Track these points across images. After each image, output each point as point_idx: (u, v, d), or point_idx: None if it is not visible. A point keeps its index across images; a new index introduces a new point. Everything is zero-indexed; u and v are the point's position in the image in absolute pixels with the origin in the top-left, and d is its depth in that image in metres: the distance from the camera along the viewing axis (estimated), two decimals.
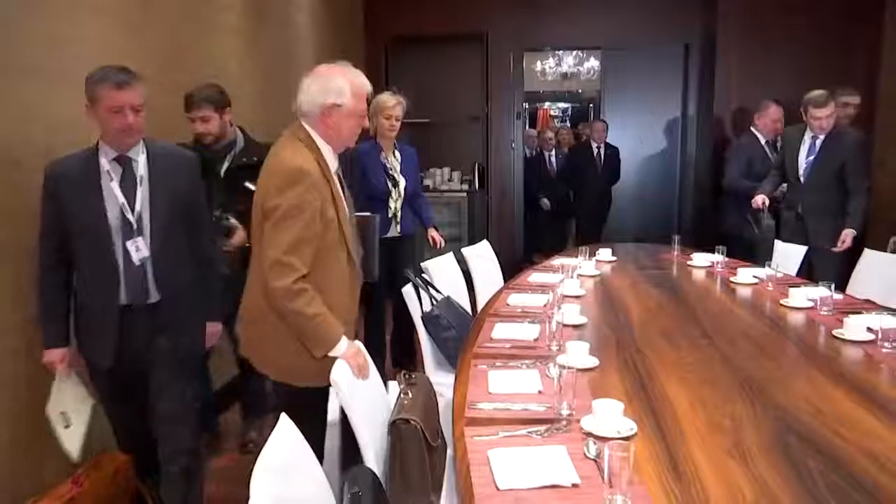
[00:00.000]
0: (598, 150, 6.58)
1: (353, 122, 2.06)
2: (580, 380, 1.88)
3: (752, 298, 2.99)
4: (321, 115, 2.01)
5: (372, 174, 3.67)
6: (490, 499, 1.31)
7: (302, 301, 1.92)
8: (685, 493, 1.33)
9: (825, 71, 5.27)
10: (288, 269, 1.90)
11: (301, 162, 1.96)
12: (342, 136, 2.07)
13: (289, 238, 1.90)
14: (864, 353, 2.19)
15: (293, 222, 1.91)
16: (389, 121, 3.65)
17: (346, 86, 2.01)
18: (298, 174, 1.93)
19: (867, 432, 1.61)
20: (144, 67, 2.95)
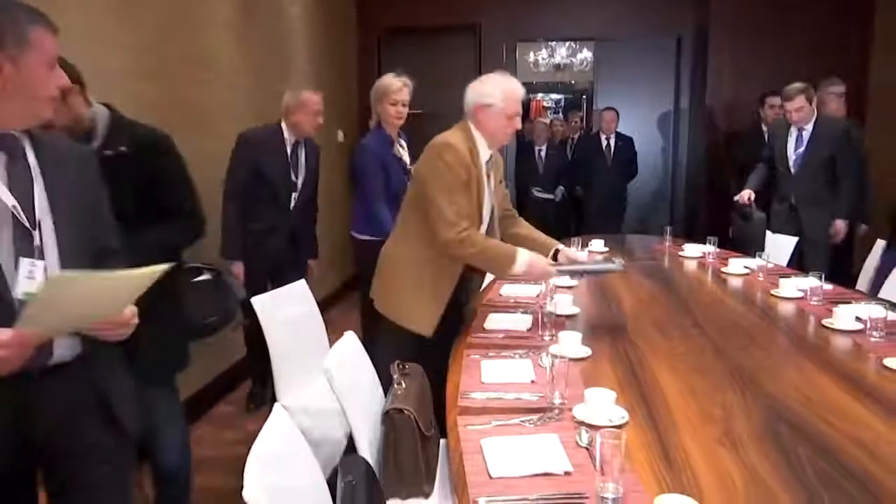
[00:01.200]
0: (607, 142, 6.17)
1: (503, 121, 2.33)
2: (572, 369, 1.89)
3: (743, 289, 3.01)
4: (475, 112, 2.34)
5: (392, 171, 3.33)
6: (483, 487, 1.32)
7: (468, 243, 2.25)
8: (676, 480, 1.35)
9: (816, 65, 5.28)
10: (452, 224, 2.23)
11: (452, 139, 2.31)
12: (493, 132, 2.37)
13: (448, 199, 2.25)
14: (853, 343, 2.21)
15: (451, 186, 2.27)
16: (396, 107, 3.31)
17: (496, 89, 2.32)
18: (447, 147, 2.28)
19: (855, 420, 1.63)
20: (131, 60, 2.95)
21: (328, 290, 5.10)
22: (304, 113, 3.26)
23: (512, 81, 2.37)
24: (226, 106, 3.84)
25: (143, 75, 3.05)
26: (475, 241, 2.28)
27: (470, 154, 2.32)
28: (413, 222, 2.41)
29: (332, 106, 3.41)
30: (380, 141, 3.35)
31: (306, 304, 2.72)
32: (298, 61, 5.03)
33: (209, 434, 3.35)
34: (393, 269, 2.45)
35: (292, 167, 3.33)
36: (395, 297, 2.41)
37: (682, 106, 6.72)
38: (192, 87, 3.52)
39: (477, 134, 2.36)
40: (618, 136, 6.16)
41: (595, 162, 6.13)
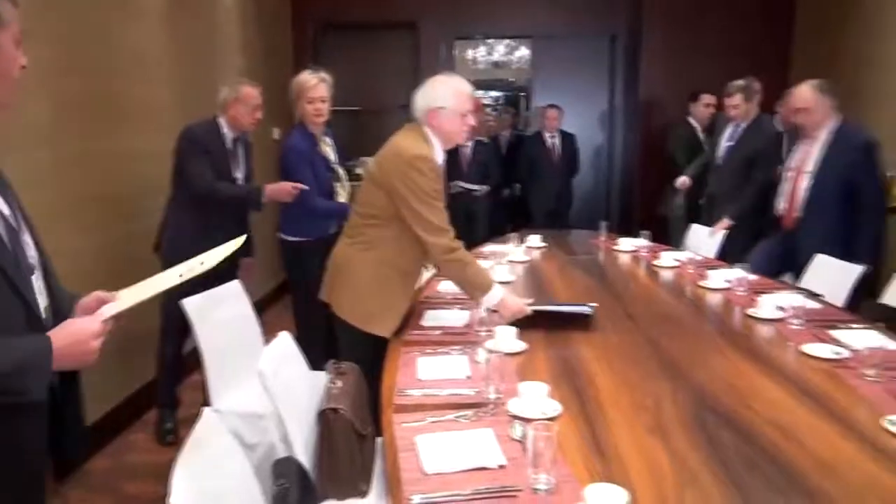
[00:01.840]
0: (552, 140, 6.07)
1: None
2: (508, 364, 1.91)
3: (674, 280, 3.10)
4: (429, 118, 2.34)
5: (318, 169, 3.26)
6: (417, 483, 1.32)
7: (460, 252, 2.32)
8: (607, 470, 1.38)
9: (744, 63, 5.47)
10: (443, 230, 2.29)
11: (420, 150, 2.31)
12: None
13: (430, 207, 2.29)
14: (775, 331, 2.30)
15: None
16: (314, 104, 3.22)
17: (446, 91, 2.34)
18: (420, 158, 2.29)
19: (776, 406, 1.70)
20: (53, 52, 2.82)
21: (264, 291, 5.01)
22: (243, 107, 3.16)
23: (459, 80, 2.40)
24: (156, 101, 3.72)
25: (67, 69, 2.92)
26: (463, 250, 2.34)
27: (437, 161, 2.35)
28: (375, 228, 2.38)
29: (266, 103, 3.32)
30: (302, 139, 3.29)
31: (240, 305, 2.66)
32: (231, 55, 4.92)
33: (143, 440, 3.24)
34: (356, 277, 2.40)
35: (232, 163, 3.23)
36: (360, 303, 2.38)
37: (616, 103, 6.86)
38: (121, 81, 3.39)
39: (432, 137, 2.37)
40: (562, 134, 6.13)
41: (540, 160, 6.05)
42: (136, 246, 3.26)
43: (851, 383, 1.82)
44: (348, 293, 2.41)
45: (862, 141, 3.26)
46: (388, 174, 2.31)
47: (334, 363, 1.99)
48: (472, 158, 6.02)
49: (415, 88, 2.41)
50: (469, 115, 2.37)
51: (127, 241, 3.31)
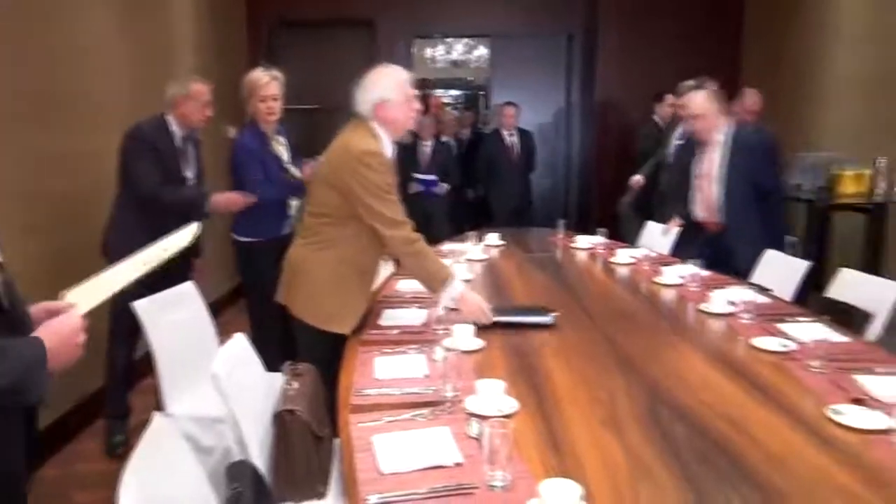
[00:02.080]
0: (510, 139, 6.00)
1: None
2: (466, 361, 1.92)
3: (629, 277, 3.14)
4: (376, 111, 2.32)
5: (270, 168, 3.22)
6: (372, 483, 1.31)
7: (420, 244, 2.31)
8: (562, 465, 1.39)
9: (698, 63, 5.58)
10: (400, 223, 2.29)
11: (370, 145, 2.31)
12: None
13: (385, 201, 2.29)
14: (726, 325, 2.36)
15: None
16: (266, 103, 3.17)
17: (388, 81, 2.33)
18: (369, 154, 2.28)
19: (727, 399, 1.74)
20: None
21: (220, 293, 4.92)
22: (193, 104, 3.08)
23: (396, 69, 2.40)
24: (107, 97, 3.63)
25: (12, 62, 2.83)
26: (422, 242, 2.33)
27: (383, 147, 2.35)
28: (329, 228, 2.37)
29: (221, 100, 3.25)
30: (252, 137, 3.25)
31: (194, 307, 2.61)
32: (185, 53, 4.82)
33: (94, 448, 3.16)
34: (312, 277, 2.38)
35: (182, 162, 3.15)
36: (318, 303, 2.35)
37: (573, 102, 6.94)
38: (68, 77, 3.29)
39: (379, 131, 2.35)
40: (520, 132, 6.06)
41: (499, 159, 5.98)
42: (85, 247, 3.17)
43: (798, 375, 1.87)
44: (306, 293, 2.39)
45: (760, 142, 3.41)
46: (339, 172, 2.30)
47: (290, 364, 1.97)
48: (432, 158, 5.92)
49: None
50: (414, 100, 2.37)
51: (76, 242, 3.22)
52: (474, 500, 1.26)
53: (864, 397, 1.69)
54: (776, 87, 4.98)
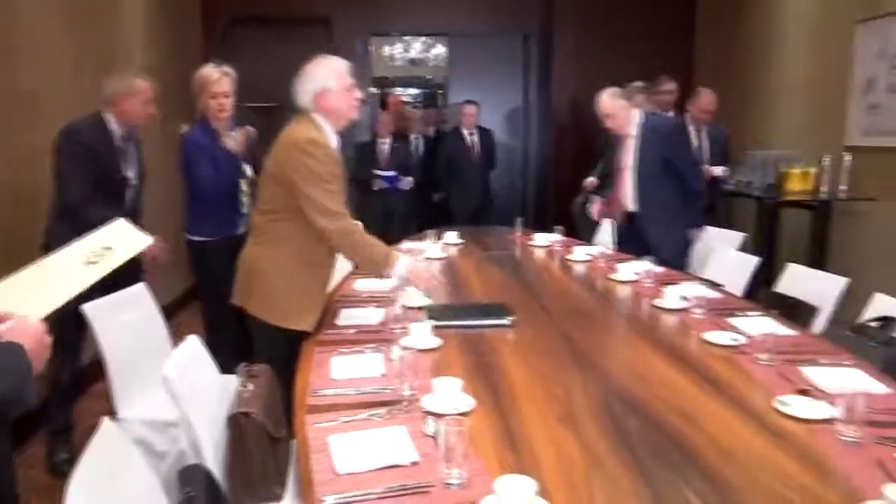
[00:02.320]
0: (470, 137, 5.92)
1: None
2: (423, 360, 1.92)
3: (586, 274, 3.18)
4: (317, 102, 2.31)
5: (221, 166, 3.15)
6: (328, 484, 1.30)
7: (358, 235, 2.32)
8: (518, 461, 1.40)
9: (653, 64, 5.69)
10: (336, 214, 2.26)
11: (312, 134, 2.30)
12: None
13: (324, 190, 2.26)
14: (679, 320, 2.40)
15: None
16: (216, 99, 3.10)
17: (326, 71, 2.32)
18: (311, 143, 2.27)
19: (679, 392, 1.77)
20: None
21: (173, 295, 4.82)
22: (134, 102, 2.96)
23: (334, 59, 2.39)
24: (51, 94, 3.51)
25: None
26: (360, 231, 2.32)
27: (326, 138, 2.33)
28: (279, 224, 2.34)
29: (175, 97, 3.18)
30: (202, 134, 3.18)
31: (145, 309, 2.56)
32: (134, 47, 4.70)
33: (41, 456, 3.05)
34: (267, 276, 2.34)
35: (123, 162, 3.02)
36: (275, 301, 2.33)
37: (531, 102, 6.99)
38: (10, 71, 3.18)
39: (323, 123, 2.34)
40: (480, 130, 6.00)
41: (459, 158, 5.90)
42: (28, 247, 3.06)
43: (747, 368, 1.92)
44: (262, 293, 2.36)
45: (668, 125, 3.65)
46: (283, 166, 2.29)
47: (246, 366, 1.94)
48: (391, 156, 5.82)
49: None
50: (354, 89, 2.36)
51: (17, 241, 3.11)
52: (430, 498, 1.26)
53: (810, 388, 1.74)
54: (727, 88, 5.10)
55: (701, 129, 4.64)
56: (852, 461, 1.39)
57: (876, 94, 4.08)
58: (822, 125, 4.55)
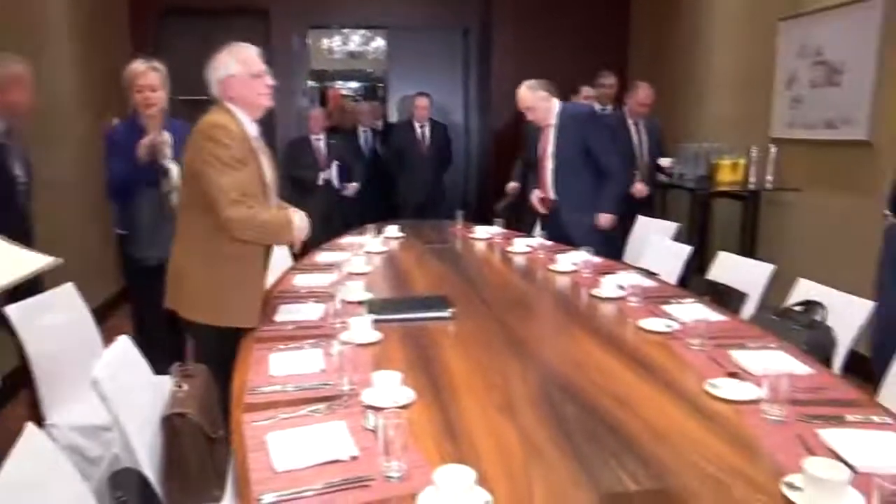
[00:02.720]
0: (421, 131, 5.78)
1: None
2: (363, 354, 1.91)
3: (526, 265, 3.22)
4: (224, 90, 2.28)
5: (131, 163, 3.01)
6: (266, 483, 1.28)
7: (256, 220, 2.20)
8: (458, 451, 1.41)
9: (590, 59, 5.79)
10: (236, 202, 2.15)
11: (216, 118, 2.24)
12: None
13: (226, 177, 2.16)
14: (616, 308, 2.46)
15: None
16: (143, 94, 3.01)
17: (229, 58, 2.29)
18: (214, 126, 2.21)
19: (614, 377, 1.81)
20: None
21: (105, 296, 4.65)
22: (20, 89, 2.73)
23: (242, 46, 2.35)
24: None
25: None
26: (259, 216, 2.22)
27: (235, 125, 2.26)
28: (200, 220, 2.25)
29: (104, 90, 3.06)
30: (124, 129, 3.11)
31: (74, 310, 2.46)
32: (59, 38, 4.51)
33: None
34: (196, 274, 2.28)
35: (10, 159, 2.76)
36: (208, 299, 2.26)
37: (471, 96, 7.02)
38: None
39: (237, 110, 2.29)
40: (432, 124, 5.84)
41: (409, 151, 5.74)
42: None
43: (680, 353, 1.98)
44: (190, 293, 2.30)
45: (585, 112, 3.79)
46: (192, 157, 2.23)
47: (180, 366, 1.89)
48: (328, 153, 5.54)
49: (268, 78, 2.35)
50: (264, 76, 2.30)
51: None
52: (370, 492, 1.25)
53: (738, 371, 1.81)
54: (660, 82, 5.22)
55: (638, 122, 4.76)
56: (777, 439, 1.45)
57: (798, 88, 4.25)
58: (750, 118, 4.72)
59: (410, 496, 1.23)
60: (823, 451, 1.38)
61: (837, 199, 3.92)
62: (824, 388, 1.71)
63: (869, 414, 1.56)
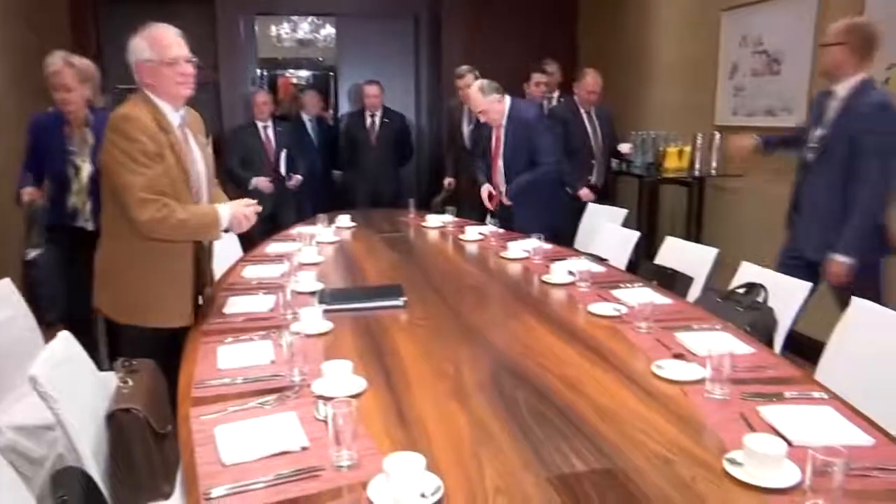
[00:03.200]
0: (371, 120, 5.46)
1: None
2: (315, 345, 1.90)
3: (478, 253, 3.24)
4: (139, 75, 2.13)
5: (46, 153, 2.98)
6: (215, 477, 1.26)
7: (171, 219, 2.05)
8: (409, 437, 1.41)
9: (540, 46, 5.82)
10: (146, 202, 2.03)
11: (127, 110, 2.10)
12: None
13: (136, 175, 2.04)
14: (566, 294, 2.49)
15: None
16: (58, 92, 2.89)
17: (142, 40, 2.11)
18: (122, 119, 2.07)
19: (564, 361, 1.84)
20: None
21: None
22: None
23: (160, 27, 2.15)
24: None
25: None
26: (175, 215, 2.07)
27: (155, 121, 2.12)
28: (117, 217, 2.14)
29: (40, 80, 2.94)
30: (45, 121, 3.02)
31: (12, 307, 2.37)
32: None
33: None
34: (117, 273, 2.19)
35: None
36: (129, 298, 2.18)
37: (422, 84, 6.99)
38: None
39: (156, 98, 2.15)
40: (386, 113, 5.54)
41: (358, 142, 5.47)
42: None
43: (628, 336, 2.02)
44: (113, 292, 2.21)
45: (531, 117, 3.82)
46: (103, 152, 2.12)
47: (124, 361, 1.84)
48: (276, 140, 5.22)
49: (214, 67, 2.28)
50: (181, 63, 2.12)
51: None
52: (321, 481, 1.25)
53: (684, 352, 1.86)
54: (609, 70, 5.27)
55: (590, 111, 4.75)
56: (720, 417, 1.50)
57: (740, 77, 4.37)
58: (695, 106, 4.82)
59: (361, 484, 1.23)
60: (763, 427, 1.42)
61: (778, 185, 4.03)
62: (765, 366, 1.77)
63: (806, 390, 1.62)
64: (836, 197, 2.67)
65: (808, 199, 2.84)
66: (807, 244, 2.82)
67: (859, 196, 2.60)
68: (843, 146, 2.64)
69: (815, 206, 2.79)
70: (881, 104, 2.60)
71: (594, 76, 4.71)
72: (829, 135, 2.71)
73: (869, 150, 2.57)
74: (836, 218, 2.66)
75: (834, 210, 2.68)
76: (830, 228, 2.67)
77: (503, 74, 5.12)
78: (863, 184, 2.59)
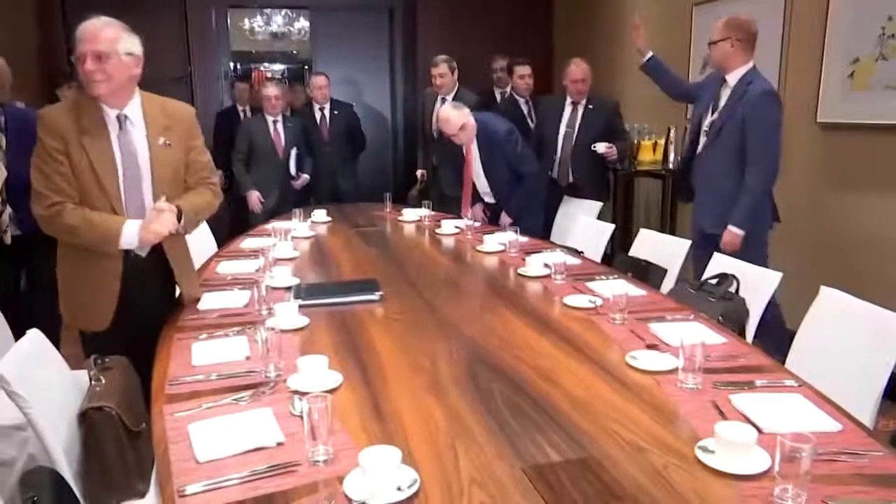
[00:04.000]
0: (321, 113, 5.21)
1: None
2: (290, 340, 1.89)
3: (454, 247, 3.24)
4: None
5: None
6: (189, 474, 1.26)
7: (59, 220, 2.00)
8: (385, 431, 1.41)
9: (514, 38, 5.83)
10: (40, 197, 2.00)
11: (49, 106, 2.10)
12: None
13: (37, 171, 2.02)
14: (542, 287, 2.51)
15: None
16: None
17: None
18: (37, 118, 2.04)
19: (539, 353, 1.85)
20: None
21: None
22: None
23: (90, 20, 2.08)
24: None
25: None
26: (64, 218, 1.99)
27: (75, 115, 2.03)
28: None
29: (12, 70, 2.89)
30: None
31: None
32: None
33: None
34: (60, 271, 2.17)
35: None
36: (67, 300, 2.16)
37: (397, 77, 6.96)
38: None
39: (92, 95, 2.05)
40: (333, 104, 5.28)
41: (310, 136, 5.16)
42: None
43: (603, 327, 2.04)
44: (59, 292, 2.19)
45: (498, 133, 3.73)
46: None
47: (96, 359, 1.82)
48: (285, 139, 4.91)
49: (185, 60, 2.24)
50: (87, 60, 1.99)
51: None
52: (296, 477, 1.25)
53: (657, 343, 1.88)
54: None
55: (578, 104, 4.46)
56: (692, 406, 1.52)
57: (710, 71, 4.40)
58: (668, 100, 4.84)
59: (337, 479, 1.22)
60: (735, 416, 1.45)
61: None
62: (737, 356, 1.80)
63: (777, 379, 1.65)
64: (730, 176, 2.98)
65: (703, 180, 3.15)
66: (705, 220, 3.13)
67: (749, 175, 2.92)
68: (734, 130, 2.95)
69: (710, 185, 3.09)
70: (764, 91, 2.93)
71: (578, 65, 4.43)
72: (721, 120, 3.02)
73: (756, 133, 2.89)
74: (730, 196, 2.96)
75: (727, 189, 2.98)
76: (725, 205, 2.98)
77: (477, 68, 5.15)
78: (752, 164, 2.91)
